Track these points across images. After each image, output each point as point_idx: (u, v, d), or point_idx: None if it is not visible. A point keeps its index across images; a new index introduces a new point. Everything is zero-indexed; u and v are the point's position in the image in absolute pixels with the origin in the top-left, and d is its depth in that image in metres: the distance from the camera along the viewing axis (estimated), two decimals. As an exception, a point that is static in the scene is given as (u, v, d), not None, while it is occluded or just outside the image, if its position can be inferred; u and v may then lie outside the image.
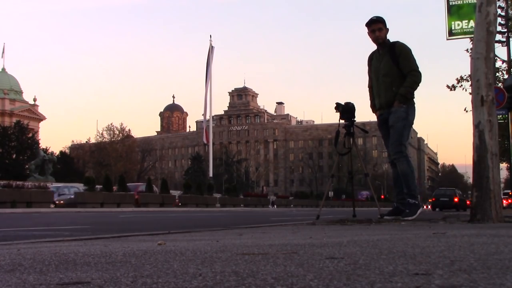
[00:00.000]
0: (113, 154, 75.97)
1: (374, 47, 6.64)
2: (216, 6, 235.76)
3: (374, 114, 6.86)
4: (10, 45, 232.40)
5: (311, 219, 7.39)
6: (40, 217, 12.78)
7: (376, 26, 6.44)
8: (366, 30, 6.55)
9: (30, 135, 62.13)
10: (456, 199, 32.67)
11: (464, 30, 12.03)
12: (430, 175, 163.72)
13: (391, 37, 6.50)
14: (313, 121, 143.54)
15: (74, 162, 67.09)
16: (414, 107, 6.40)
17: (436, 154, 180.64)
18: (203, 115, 50.42)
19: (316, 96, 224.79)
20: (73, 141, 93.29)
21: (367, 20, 6.51)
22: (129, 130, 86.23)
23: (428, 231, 3.62)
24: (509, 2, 21.96)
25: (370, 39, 6.55)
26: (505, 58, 21.54)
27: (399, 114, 6.27)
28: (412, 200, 6.18)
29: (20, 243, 3.49)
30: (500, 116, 14.09)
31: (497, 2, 9.16)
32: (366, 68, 6.85)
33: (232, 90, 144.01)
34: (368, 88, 6.87)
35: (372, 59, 6.67)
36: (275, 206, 49.14)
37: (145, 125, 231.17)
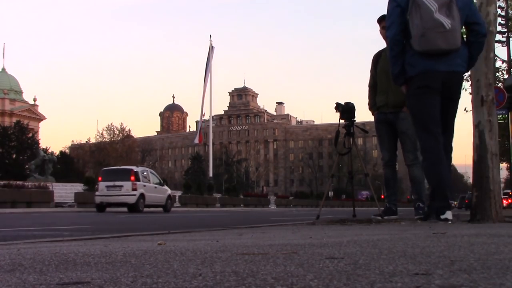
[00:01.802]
0: (113, 154, 75.88)
1: (377, 47, 6.63)
2: (216, 6, 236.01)
3: (371, 112, 6.82)
4: (10, 45, 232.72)
5: (311, 219, 7.39)
6: (40, 217, 12.77)
7: None
8: (365, 30, 6.54)
9: (30, 135, 62.06)
10: None
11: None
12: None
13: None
14: (313, 121, 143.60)
15: (74, 162, 67.01)
16: None
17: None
18: (203, 115, 50.39)
19: (316, 96, 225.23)
20: (73, 141, 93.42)
21: (378, 16, 6.35)
22: (129, 130, 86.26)
23: (428, 231, 3.62)
24: (509, 2, 21.97)
25: (381, 37, 6.30)
26: (505, 58, 21.58)
27: (410, 121, 6.30)
28: (422, 204, 6.36)
29: (20, 243, 3.49)
30: (500, 116, 14.09)
31: (497, 2, 9.16)
32: (368, 67, 6.77)
33: (232, 90, 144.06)
34: (368, 87, 6.76)
35: (379, 57, 6.54)
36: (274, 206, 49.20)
37: (145, 125, 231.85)
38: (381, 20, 6.26)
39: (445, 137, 4.80)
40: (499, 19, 19.34)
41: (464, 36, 4.75)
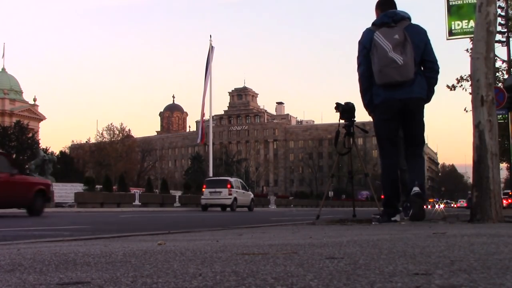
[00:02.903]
0: (113, 154, 75.85)
1: None
2: (216, 7, 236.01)
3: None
4: (10, 45, 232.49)
5: (311, 219, 7.40)
6: (40, 217, 12.77)
7: None
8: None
9: (30, 135, 62.07)
10: None
11: (464, 30, 12.02)
12: (430, 175, 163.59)
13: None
14: (313, 121, 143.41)
15: (74, 162, 66.93)
16: None
17: (436, 154, 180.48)
18: (203, 115, 50.31)
19: (316, 96, 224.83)
20: (73, 141, 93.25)
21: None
22: (129, 130, 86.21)
23: (428, 231, 3.62)
24: (509, 2, 21.95)
25: None
26: (505, 58, 21.54)
27: None
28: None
29: (20, 243, 3.49)
30: (500, 116, 14.07)
31: (497, 2, 9.16)
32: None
33: (232, 90, 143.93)
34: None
35: None
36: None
37: (145, 125, 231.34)
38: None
39: (412, 147, 5.60)
40: (499, 19, 19.33)
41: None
